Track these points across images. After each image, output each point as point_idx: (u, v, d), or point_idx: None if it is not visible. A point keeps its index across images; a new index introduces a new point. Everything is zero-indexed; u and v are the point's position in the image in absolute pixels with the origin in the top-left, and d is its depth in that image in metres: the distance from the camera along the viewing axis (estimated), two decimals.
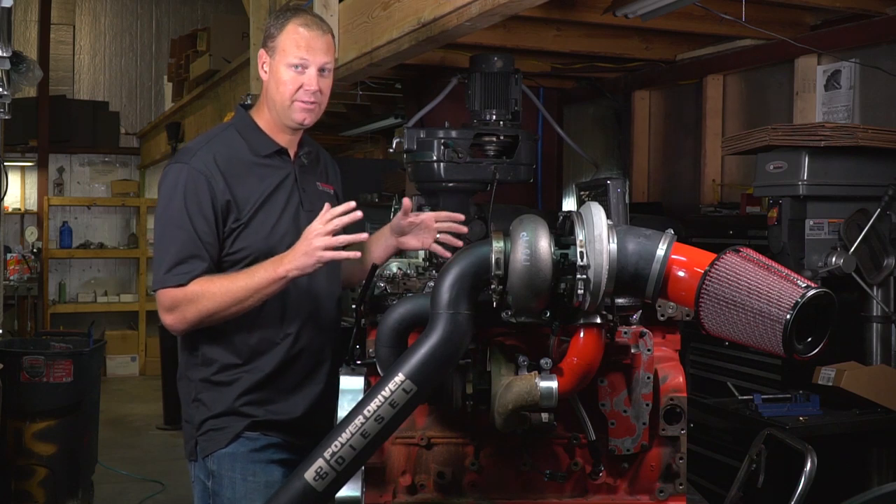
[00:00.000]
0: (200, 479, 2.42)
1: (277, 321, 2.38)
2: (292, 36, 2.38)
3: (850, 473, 3.27)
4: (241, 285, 2.25)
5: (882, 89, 3.90)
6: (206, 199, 2.30)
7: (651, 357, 1.93)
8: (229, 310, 2.27)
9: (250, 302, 2.27)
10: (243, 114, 2.49)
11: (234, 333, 2.36)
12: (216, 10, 10.51)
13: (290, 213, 2.41)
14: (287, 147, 2.46)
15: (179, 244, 2.28)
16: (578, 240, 1.70)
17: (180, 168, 2.34)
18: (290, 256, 2.23)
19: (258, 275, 2.25)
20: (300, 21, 2.39)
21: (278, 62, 2.39)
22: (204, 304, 2.26)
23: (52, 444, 4.76)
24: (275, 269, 2.23)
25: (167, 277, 2.28)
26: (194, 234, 2.29)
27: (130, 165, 10.97)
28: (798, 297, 1.61)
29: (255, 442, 2.37)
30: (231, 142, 2.42)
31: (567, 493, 2.01)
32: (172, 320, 2.30)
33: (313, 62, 2.38)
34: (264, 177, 2.40)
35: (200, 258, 2.29)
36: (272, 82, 2.41)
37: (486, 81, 2.55)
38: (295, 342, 2.40)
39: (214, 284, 2.27)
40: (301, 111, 2.40)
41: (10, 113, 3.86)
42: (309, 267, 2.22)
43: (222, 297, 2.25)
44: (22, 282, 9.23)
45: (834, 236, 3.37)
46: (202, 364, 2.39)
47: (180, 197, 2.30)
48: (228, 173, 2.34)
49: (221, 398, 2.37)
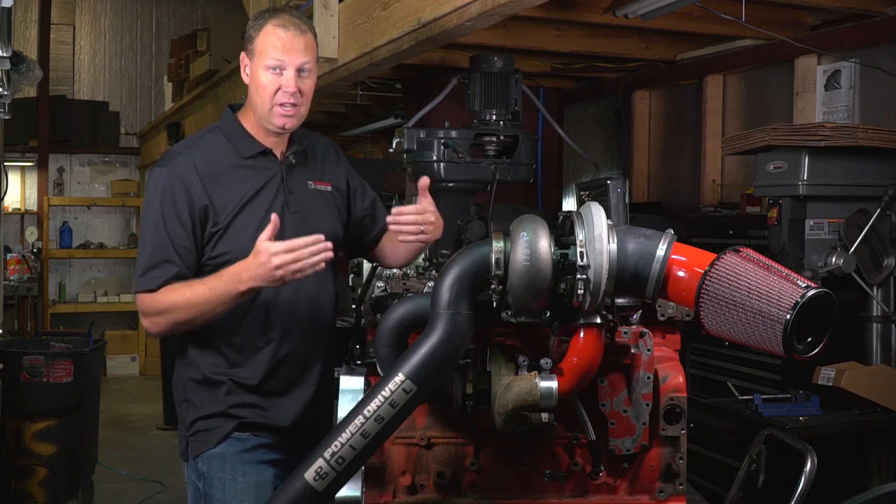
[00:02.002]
0: (192, 479, 2.41)
1: (260, 326, 2.35)
2: (269, 37, 2.33)
3: (850, 473, 3.27)
4: (205, 297, 2.20)
5: (882, 89, 3.90)
6: (184, 204, 2.28)
7: (651, 357, 1.93)
8: (197, 319, 2.24)
9: (217, 312, 2.22)
10: (230, 115, 2.46)
11: (219, 337, 2.34)
12: (216, 10, 10.50)
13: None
14: (273, 148, 2.42)
15: (152, 248, 2.28)
16: (578, 240, 1.70)
17: (161, 172, 2.33)
18: (246, 274, 2.14)
19: (219, 288, 2.19)
20: (277, 21, 2.34)
21: (256, 64, 2.35)
22: (172, 313, 2.24)
23: (52, 444, 4.75)
24: (236, 286, 2.16)
25: (141, 281, 2.28)
26: (167, 238, 2.27)
27: (130, 165, 10.95)
28: (798, 297, 1.61)
29: (245, 442, 2.34)
30: (214, 144, 2.40)
31: (567, 493, 2.01)
32: (148, 324, 2.30)
33: (290, 63, 2.33)
34: (246, 179, 2.36)
35: (172, 262, 2.26)
36: (252, 85, 2.37)
37: (486, 81, 2.55)
38: (279, 347, 2.36)
39: (178, 292, 2.23)
40: (281, 116, 2.35)
41: (10, 113, 3.85)
42: (271, 285, 2.15)
43: (187, 306, 2.22)
44: (22, 282, 9.22)
45: (834, 236, 3.37)
46: (190, 364, 2.39)
47: (157, 201, 2.29)
48: (207, 178, 2.31)
49: (210, 399, 2.36)
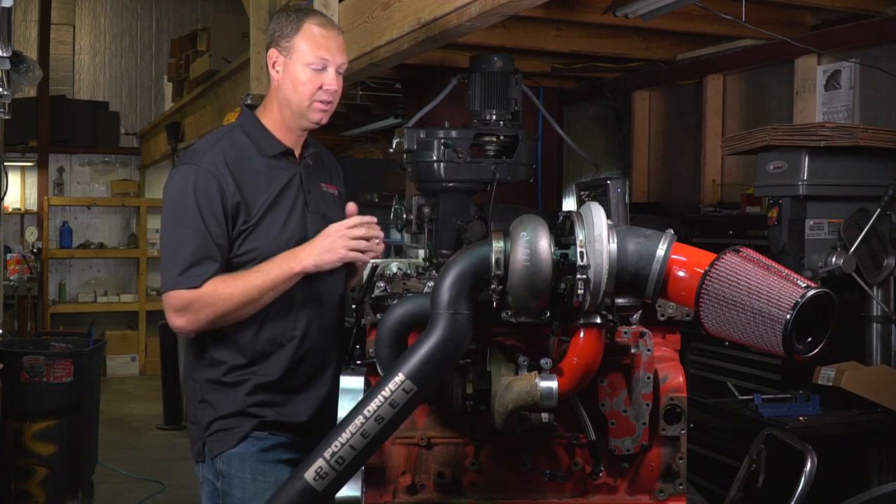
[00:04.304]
0: (209, 479, 2.41)
1: (283, 323, 2.37)
2: (310, 36, 2.38)
3: (850, 473, 3.27)
4: (256, 283, 2.26)
5: (882, 89, 3.90)
6: (217, 201, 2.30)
7: (651, 357, 1.93)
8: (244, 309, 2.28)
9: (265, 300, 2.29)
10: (249, 114, 2.48)
11: (241, 335, 2.35)
12: (216, 10, 10.52)
13: (296, 214, 2.40)
14: (293, 148, 2.47)
15: (194, 246, 2.27)
16: (578, 240, 1.69)
17: (189, 169, 2.33)
18: (307, 252, 2.27)
19: (272, 272, 2.27)
20: (316, 21, 2.41)
21: (295, 61, 2.39)
22: (219, 306, 2.26)
23: (52, 444, 4.75)
24: (290, 264, 2.26)
25: (181, 280, 2.26)
26: (208, 235, 2.28)
27: (130, 165, 10.96)
28: (798, 297, 1.61)
29: (264, 442, 2.36)
30: (238, 142, 2.42)
31: (567, 493, 2.01)
32: (184, 322, 2.28)
33: (332, 62, 2.40)
34: (272, 178, 2.40)
35: (213, 259, 2.28)
36: (288, 82, 2.40)
37: (486, 81, 2.54)
38: (301, 344, 2.39)
39: (228, 285, 2.27)
40: (318, 111, 2.41)
41: (10, 113, 3.85)
42: (329, 264, 2.27)
43: (237, 297, 2.26)
44: (22, 282, 9.22)
45: (834, 236, 3.37)
46: (209, 365, 2.39)
47: (192, 198, 2.29)
48: (238, 174, 2.34)
49: (229, 399, 2.36)
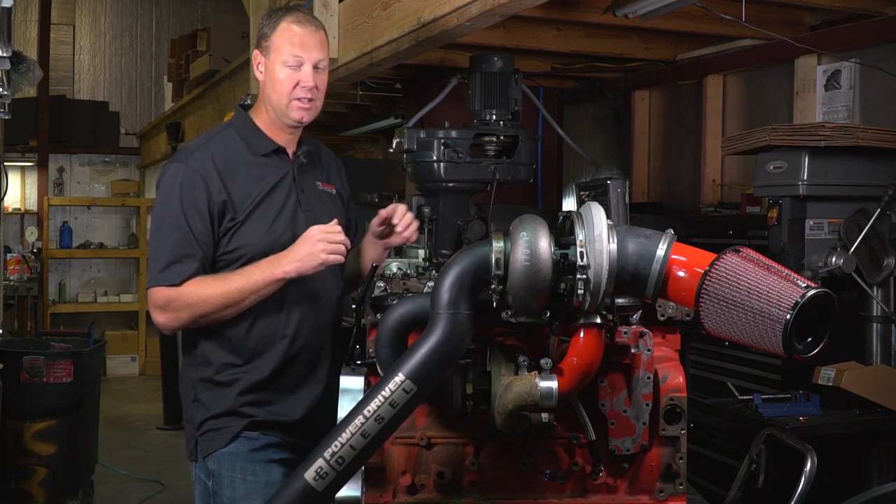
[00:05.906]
0: (201, 479, 2.42)
1: (276, 322, 2.38)
2: (286, 34, 2.40)
3: (850, 473, 3.27)
4: (237, 286, 2.26)
5: (882, 89, 3.90)
6: (203, 199, 2.31)
7: (651, 357, 1.93)
8: (225, 311, 2.28)
9: (246, 303, 2.28)
10: (242, 114, 2.50)
11: (233, 334, 2.36)
12: (216, 10, 10.52)
13: (287, 212, 2.40)
14: (286, 146, 2.47)
15: (175, 243, 2.29)
16: (578, 240, 1.69)
17: (177, 167, 2.35)
18: (289, 257, 2.24)
19: (254, 276, 2.26)
20: (293, 19, 2.42)
21: (273, 61, 2.41)
22: (199, 306, 2.27)
23: (52, 444, 4.75)
24: (272, 270, 2.25)
25: (161, 276, 2.28)
26: (190, 233, 2.29)
27: (130, 165, 10.96)
28: (798, 297, 1.61)
29: (255, 441, 2.37)
30: (229, 141, 2.43)
31: (567, 493, 2.01)
32: (165, 319, 2.30)
33: (308, 59, 2.39)
34: (262, 176, 2.40)
35: (194, 258, 2.29)
36: (268, 82, 2.43)
37: (486, 81, 2.55)
38: (293, 342, 2.39)
39: (209, 286, 2.27)
40: (298, 109, 2.41)
41: (10, 113, 3.85)
42: (310, 269, 2.24)
43: (217, 298, 2.26)
44: (22, 282, 9.22)
45: (834, 236, 3.37)
46: (201, 364, 2.40)
47: (177, 196, 2.31)
48: (225, 173, 2.35)
49: (221, 398, 2.37)
